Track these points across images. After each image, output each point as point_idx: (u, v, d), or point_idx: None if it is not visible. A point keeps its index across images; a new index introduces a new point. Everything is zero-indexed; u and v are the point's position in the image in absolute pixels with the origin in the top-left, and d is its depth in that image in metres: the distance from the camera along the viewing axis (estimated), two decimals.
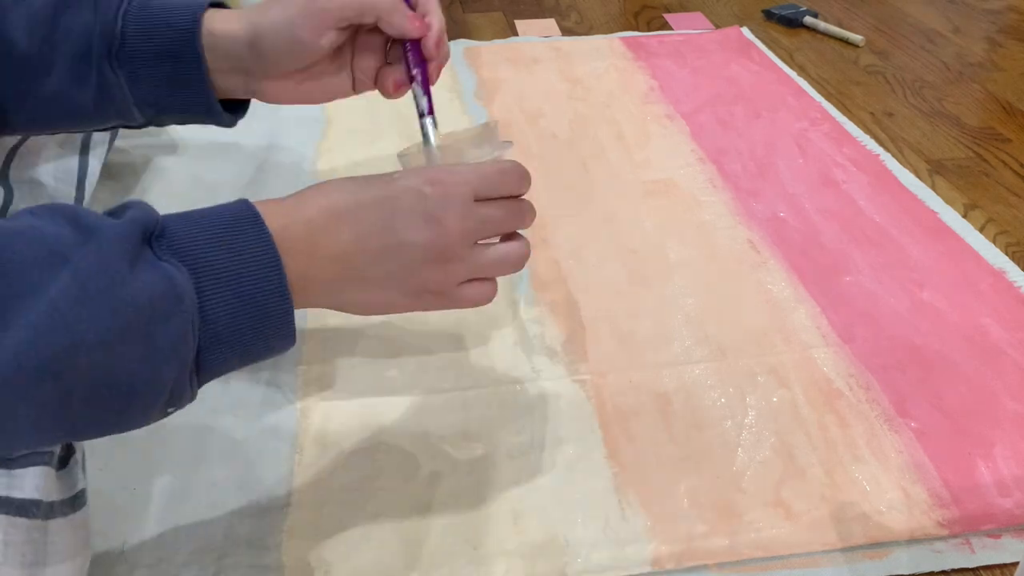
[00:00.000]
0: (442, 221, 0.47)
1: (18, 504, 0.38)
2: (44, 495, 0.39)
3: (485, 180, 0.48)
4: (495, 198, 0.49)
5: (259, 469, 0.59)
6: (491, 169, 0.49)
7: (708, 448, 0.61)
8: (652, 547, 0.54)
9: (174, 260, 0.39)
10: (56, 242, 0.36)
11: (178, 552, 0.54)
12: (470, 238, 0.48)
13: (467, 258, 0.48)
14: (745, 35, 1.29)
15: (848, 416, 0.64)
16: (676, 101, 1.09)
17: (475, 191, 0.48)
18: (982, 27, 1.36)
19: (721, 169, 0.94)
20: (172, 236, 0.39)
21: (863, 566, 0.54)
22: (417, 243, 0.46)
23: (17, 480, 0.38)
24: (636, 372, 0.68)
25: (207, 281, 0.39)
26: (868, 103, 1.11)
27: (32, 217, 0.37)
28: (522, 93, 1.11)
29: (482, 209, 0.48)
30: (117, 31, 0.55)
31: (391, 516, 0.56)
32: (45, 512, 0.39)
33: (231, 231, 0.41)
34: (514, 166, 0.50)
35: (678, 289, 0.76)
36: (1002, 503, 0.57)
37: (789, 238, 0.83)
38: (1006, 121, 1.07)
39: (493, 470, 0.59)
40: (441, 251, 0.47)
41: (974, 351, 0.69)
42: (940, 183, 0.94)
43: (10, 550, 0.37)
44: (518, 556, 0.54)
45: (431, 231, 0.46)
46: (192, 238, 0.40)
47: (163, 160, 0.95)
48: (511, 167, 0.50)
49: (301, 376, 0.67)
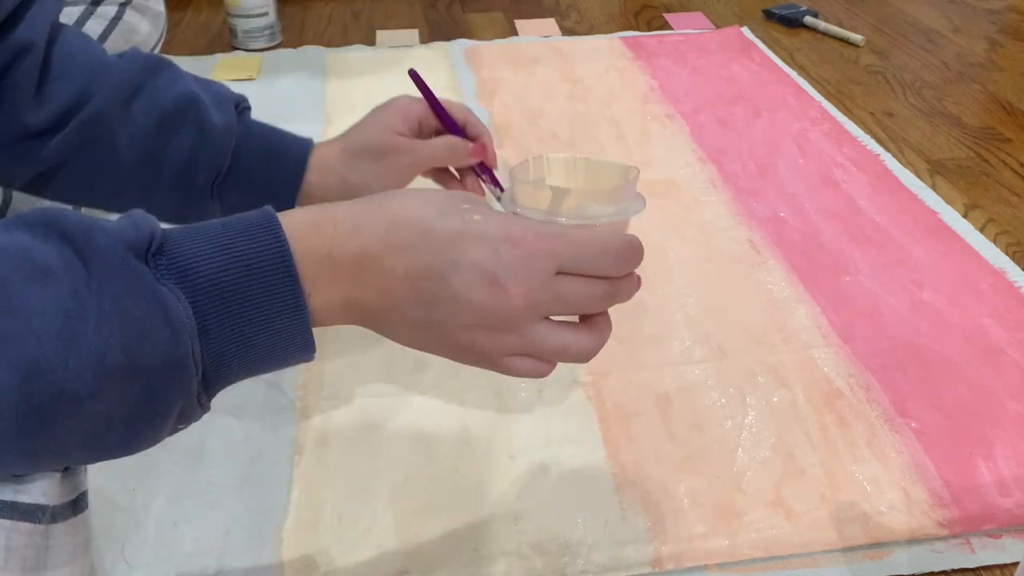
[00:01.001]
0: (508, 289, 0.40)
1: (24, 509, 0.37)
2: (49, 499, 0.39)
3: (578, 257, 0.41)
4: (584, 275, 0.42)
5: (259, 469, 0.59)
6: (591, 245, 0.41)
7: (708, 448, 0.61)
8: (652, 547, 0.54)
9: (171, 283, 0.35)
10: (46, 267, 0.33)
11: (178, 552, 0.54)
12: (536, 313, 0.41)
13: (526, 334, 0.42)
14: (745, 35, 1.29)
15: (848, 416, 0.64)
16: (676, 101, 1.09)
17: (561, 265, 0.41)
18: (982, 27, 1.36)
19: (721, 169, 0.94)
20: (172, 252, 0.36)
21: (863, 566, 0.54)
22: (472, 303, 0.40)
23: (25, 485, 0.38)
24: (636, 372, 0.68)
25: (210, 301, 0.36)
26: (868, 103, 1.11)
27: (25, 233, 0.34)
28: (522, 93, 1.11)
29: (562, 285, 0.41)
30: (225, 167, 0.60)
31: (391, 516, 0.56)
32: (49, 516, 0.39)
33: (242, 241, 0.37)
34: (621, 245, 0.42)
35: (678, 289, 0.76)
36: (1002, 503, 0.57)
37: (789, 238, 0.83)
38: (1006, 121, 1.07)
39: (493, 470, 0.59)
40: (498, 321, 0.41)
41: (974, 351, 0.69)
42: (940, 183, 0.94)
43: (12, 555, 0.37)
44: (518, 556, 0.54)
45: (492, 296, 0.40)
46: (194, 255, 0.36)
47: None
48: (616, 247, 0.42)
49: (301, 376, 0.67)
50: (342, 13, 1.41)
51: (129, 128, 0.58)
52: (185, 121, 0.59)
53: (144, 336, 0.34)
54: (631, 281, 0.43)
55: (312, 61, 1.21)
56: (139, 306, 0.34)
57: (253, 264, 0.37)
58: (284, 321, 0.38)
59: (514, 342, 0.42)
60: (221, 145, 0.60)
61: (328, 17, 1.40)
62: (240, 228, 0.38)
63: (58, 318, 0.32)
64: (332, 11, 1.42)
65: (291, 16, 1.39)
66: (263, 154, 0.62)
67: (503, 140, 1.00)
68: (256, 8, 1.24)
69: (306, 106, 1.07)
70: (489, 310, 0.40)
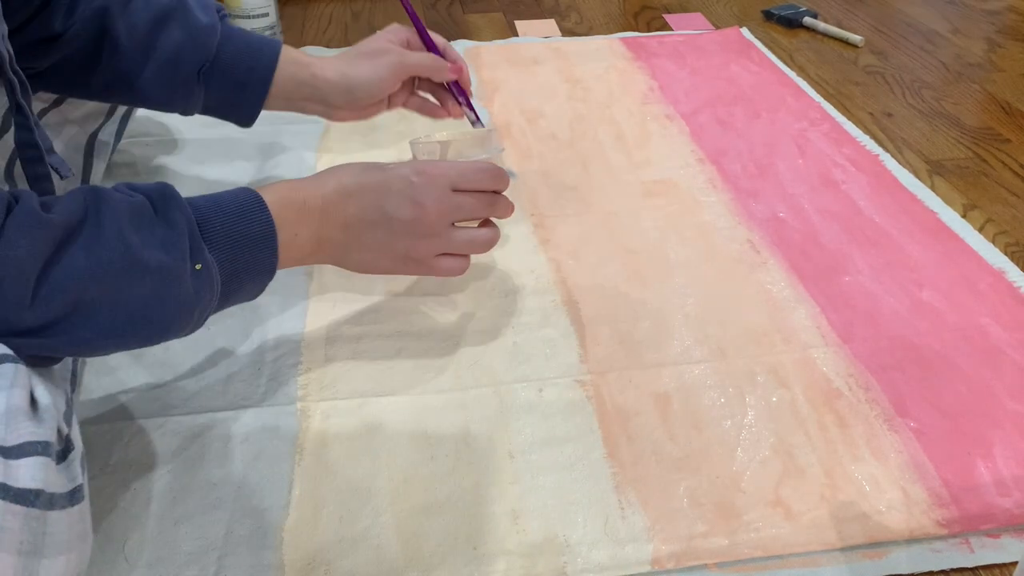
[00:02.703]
0: (422, 203, 0.60)
1: (15, 492, 0.38)
2: (45, 486, 0.39)
3: (462, 175, 0.62)
4: (471, 190, 0.63)
5: (259, 469, 0.59)
6: (469, 167, 0.63)
7: (708, 448, 0.61)
8: (652, 547, 0.54)
9: (210, 255, 0.51)
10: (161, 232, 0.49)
11: (178, 552, 0.54)
12: (446, 219, 0.62)
13: (443, 235, 0.62)
14: (745, 36, 1.29)
15: (847, 416, 0.64)
16: (676, 101, 1.09)
17: (453, 183, 0.62)
18: (981, 28, 1.36)
19: (721, 169, 0.94)
20: (207, 229, 0.52)
21: (862, 566, 0.54)
22: (402, 219, 0.60)
23: (12, 469, 0.38)
24: (636, 372, 0.68)
25: (212, 226, 0.52)
26: (867, 103, 1.11)
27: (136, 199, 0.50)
28: (522, 93, 1.11)
29: (458, 198, 0.62)
30: (211, 56, 0.71)
31: (391, 516, 0.56)
32: (45, 503, 0.39)
33: (244, 219, 0.54)
34: (490, 167, 0.64)
35: (678, 289, 0.77)
36: (1001, 503, 0.57)
37: (789, 238, 0.83)
38: (1005, 121, 1.07)
39: (493, 470, 0.59)
40: (421, 227, 0.61)
41: (973, 351, 0.69)
42: (939, 183, 0.94)
43: (5, 535, 0.37)
44: (518, 556, 0.54)
45: (413, 210, 0.60)
46: (225, 230, 0.53)
47: (164, 160, 0.95)
48: (486, 167, 0.64)
49: (301, 376, 0.67)
50: (342, 13, 1.41)
51: (127, 22, 0.69)
52: (175, 19, 0.70)
53: (201, 295, 0.51)
54: (506, 200, 0.66)
55: None
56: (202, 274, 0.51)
57: (246, 232, 0.54)
58: (264, 240, 0.55)
59: (437, 244, 0.62)
60: (207, 40, 0.71)
61: (328, 17, 1.40)
62: (235, 205, 0.54)
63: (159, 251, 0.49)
64: (332, 11, 1.42)
65: (291, 16, 1.39)
66: (242, 48, 0.73)
67: (503, 140, 1.00)
68: (257, 8, 1.24)
69: None
70: (414, 221, 0.60)
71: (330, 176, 0.60)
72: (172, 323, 0.50)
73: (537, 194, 0.90)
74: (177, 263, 0.49)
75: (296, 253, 0.58)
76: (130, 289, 0.47)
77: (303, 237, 0.58)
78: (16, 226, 0.43)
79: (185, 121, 1.03)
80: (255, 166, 0.94)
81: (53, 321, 0.44)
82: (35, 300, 0.43)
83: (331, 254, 0.61)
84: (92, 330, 0.46)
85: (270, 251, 0.55)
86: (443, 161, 0.64)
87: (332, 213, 0.59)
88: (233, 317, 0.72)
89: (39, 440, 0.40)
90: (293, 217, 0.56)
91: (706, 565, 0.54)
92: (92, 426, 0.62)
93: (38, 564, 0.38)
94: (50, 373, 0.47)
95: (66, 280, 0.44)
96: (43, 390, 0.43)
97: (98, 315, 0.46)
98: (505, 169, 0.66)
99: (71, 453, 0.43)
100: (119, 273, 0.46)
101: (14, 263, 0.42)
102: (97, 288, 0.45)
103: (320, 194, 0.58)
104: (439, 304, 0.75)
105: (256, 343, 0.70)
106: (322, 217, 0.58)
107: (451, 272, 0.64)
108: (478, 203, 0.63)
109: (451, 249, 0.63)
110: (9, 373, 0.41)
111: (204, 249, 0.51)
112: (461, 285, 0.77)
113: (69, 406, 0.46)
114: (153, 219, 0.49)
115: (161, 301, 0.48)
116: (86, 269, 0.45)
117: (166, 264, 0.48)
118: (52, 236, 0.44)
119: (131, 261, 0.47)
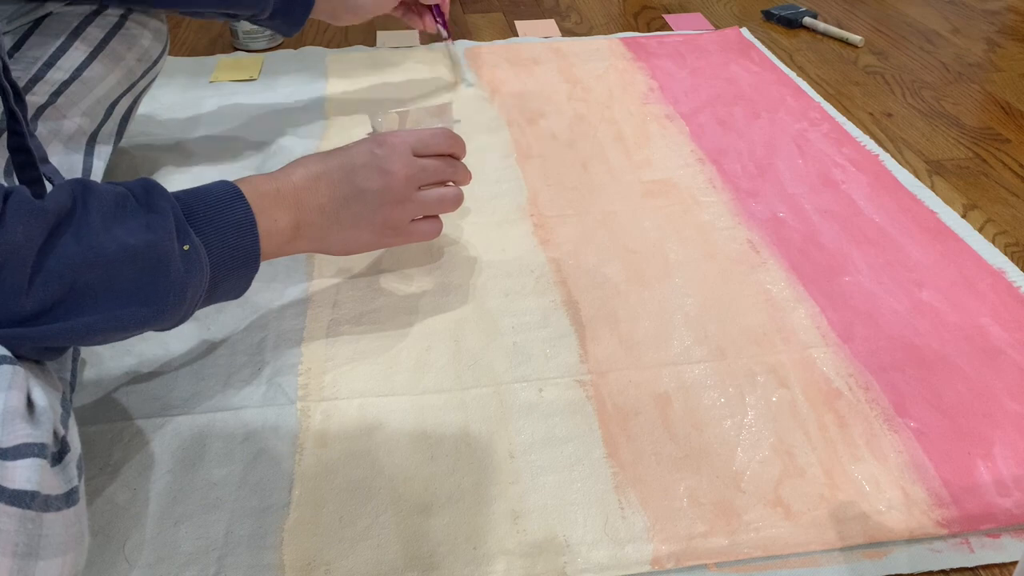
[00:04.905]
0: (389, 170, 0.64)
1: (11, 494, 0.38)
2: (40, 487, 0.39)
3: (421, 140, 0.67)
4: (431, 155, 0.67)
5: (259, 469, 0.59)
6: (426, 132, 0.68)
7: (708, 448, 0.61)
8: (651, 547, 0.54)
9: (198, 241, 0.53)
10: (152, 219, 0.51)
11: (178, 552, 0.54)
12: (414, 182, 0.66)
13: (414, 199, 0.66)
14: (745, 36, 1.29)
15: (847, 416, 0.64)
16: (676, 101, 1.09)
17: (413, 148, 0.66)
18: (981, 28, 1.36)
19: (721, 169, 0.94)
20: (191, 215, 0.54)
21: (862, 565, 0.54)
22: (373, 189, 0.63)
23: (8, 471, 0.38)
24: (636, 372, 0.68)
25: (214, 241, 0.55)
26: (867, 103, 1.11)
27: (123, 194, 0.51)
28: (522, 93, 1.11)
29: (421, 161, 0.66)
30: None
31: (391, 516, 0.56)
32: (41, 505, 0.39)
33: (224, 208, 0.56)
34: (445, 131, 0.68)
35: (678, 289, 0.77)
36: (1001, 503, 0.57)
37: (788, 238, 0.83)
38: (1005, 121, 1.07)
39: (493, 470, 0.59)
40: (392, 194, 0.64)
41: (973, 351, 0.69)
42: (939, 183, 0.94)
43: (0, 537, 0.37)
44: (518, 556, 0.54)
45: (382, 179, 0.64)
46: (208, 217, 0.55)
47: (164, 160, 0.95)
48: (442, 132, 0.68)
49: (301, 376, 0.67)
50: None
51: None
52: None
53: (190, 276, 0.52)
54: (465, 167, 0.70)
55: (313, 62, 1.21)
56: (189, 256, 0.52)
57: (229, 218, 0.56)
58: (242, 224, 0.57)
59: (410, 208, 0.66)
60: None
61: None
62: (214, 195, 0.56)
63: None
64: None
65: None
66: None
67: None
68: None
69: (307, 106, 1.08)
70: (385, 189, 0.64)
71: (296, 166, 0.63)
72: (165, 304, 0.50)
73: (537, 194, 0.90)
74: (165, 243, 0.50)
75: (277, 239, 0.60)
76: (121, 272, 0.47)
77: (282, 223, 0.59)
78: (13, 213, 0.44)
79: (185, 122, 1.03)
80: (255, 166, 0.94)
81: (50, 307, 0.45)
82: (31, 286, 0.44)
83: (311, 238, 0.62)
84: (88, 314, 0.46)
85: (252, 237, 0.56)
86: (400, 131, 0.67)
87: (306, 199, 0.61)
88: (233, 317, 0.72)
89: (35, 442, 0.40)
90: (269, 204, 0.59)
91: (706, 565, 0.54)
92: (92, 426, 0.62)
93: (34, 566, 0.38)
94: (47, 375, 0.47)
95: (60, 266, 0.45)
96: (40, 392, 0.43)
97: (92, 299, 0.46)
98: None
99: (67, 455, 0.43)
100: (110, 257, 0.47)
101: (12, 249, 0.43)
102: (89, 272, 0.46)
103: (291, 182, 0.61)
104: (439, 304, 0.75)
105: (256, 343, 0.70)
106: (297, 204, 0.61)
107: (427, 235, 0.69)
108: (440, 164, 0.68)
109: (424, 211, 0.67)
110: (7, 375, 0.41)
111: (191, 232, 0.52)
112: (461, 285, 0.77)
113: (66, 408, 0.46)
114: (138, 207, 0.51)
115: (153, 282, 0.49)
116: (78, 255, 0.46)
117: (154, 243, 0.49)
118: (46, 223, 0.45)
119: (120, 245, 0.47)
